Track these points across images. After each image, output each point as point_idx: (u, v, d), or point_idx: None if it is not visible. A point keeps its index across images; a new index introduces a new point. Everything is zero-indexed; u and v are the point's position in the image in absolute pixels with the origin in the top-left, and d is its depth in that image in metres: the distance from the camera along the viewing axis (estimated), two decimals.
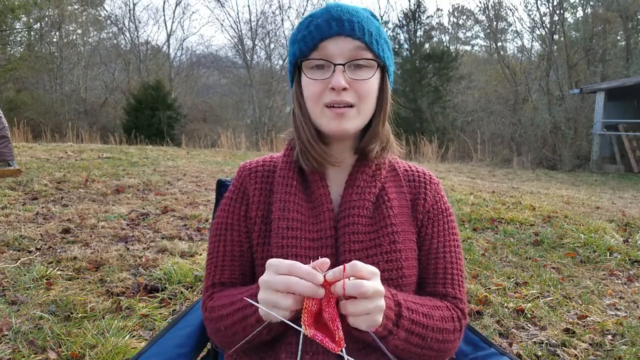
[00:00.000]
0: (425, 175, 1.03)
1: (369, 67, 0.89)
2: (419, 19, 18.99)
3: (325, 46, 0.87)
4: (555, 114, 15.67)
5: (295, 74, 0.94)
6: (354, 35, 0.86)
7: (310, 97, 0.90)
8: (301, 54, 0.89)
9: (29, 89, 21.57)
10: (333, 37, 0.86)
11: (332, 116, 0.88)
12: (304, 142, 0.93)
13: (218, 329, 0.90)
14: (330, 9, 0.88)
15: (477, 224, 4.54)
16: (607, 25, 18.94)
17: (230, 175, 2.62)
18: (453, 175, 9.18)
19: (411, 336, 0.83)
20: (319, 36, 0.87)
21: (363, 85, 0.88)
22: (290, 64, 0.95)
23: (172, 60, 26.38)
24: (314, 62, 0.88)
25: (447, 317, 0.90)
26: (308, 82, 0.89)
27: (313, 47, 0.88)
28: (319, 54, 0.88)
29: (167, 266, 2.86)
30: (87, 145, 11.20)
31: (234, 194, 0.99)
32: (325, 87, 0.87)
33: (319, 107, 0.89)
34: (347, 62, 0.87)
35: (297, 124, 0.94)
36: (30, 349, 1.92)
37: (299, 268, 0.72)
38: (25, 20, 21.12)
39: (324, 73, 0.88)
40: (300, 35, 0.90)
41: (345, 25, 0.86)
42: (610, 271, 3.37)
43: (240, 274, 0.96)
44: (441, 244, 0.97)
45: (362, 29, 0.87)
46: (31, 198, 4.69)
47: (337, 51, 0.87)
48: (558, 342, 2.26)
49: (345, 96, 0.87)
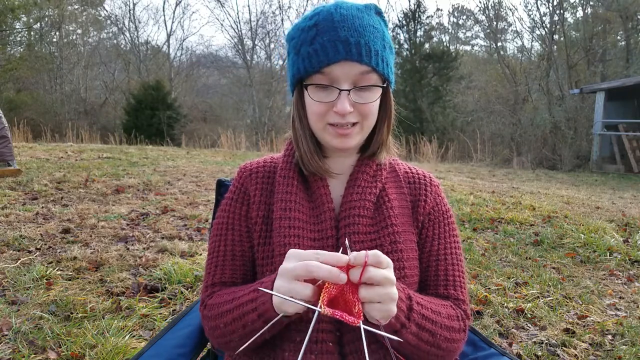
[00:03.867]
0: (426, 177, 1.03)
1: (373, 89, 0.88)
2: (419, 19, 19.01)
3: (331, 71, 0.84)
4: (555, 114, 15.67)
5: (297, 86, 0.93)
6: (361, 61, 0.84)
7: (313, 115, 0.90)
8: (305, 73, 0.87)
9: (29, 89, 21.58)
10: (339, 62, 0.84)
11: (335, 134, 0.89)
12: (303, 154, 0.94)
13: (216, 327, 0.89)
14: (335, 24, 0.84)
15: (477, 224, 4.54)
16: (607, 25, 18.94)
17: (230, 175, 2.62)
18: (453, 175, 9.18)
19: (422, 332, 0.83)
20: (325, 60, 0.84)
21: (366, 107, 0.88)
22: (291, 76, 0.93)
23: (172, 60, 26.42)
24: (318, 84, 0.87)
25: (453, 316, 0.90)
26: (311, 102, 0.88)
27: (318, 70, 0.85)
28: (324, 78, 0.86)
29: (167, 266, 2.86)
30: (87, 145, 11.20)
31: (234, 194, 1.00)
32: (329, 109, 0.87)
33: (322, 124, 0.89)
34: (352, 88, 0.86)
35: (297, 136, 0.94)
36: (30, 349, 1.92)
37: (322, 253, 0.71)
38: (25, 20, 21.13)
39: (328, 95, 0.87)
40: (305, 51, 0.86)
41: (353, 50, 0.83)
42: (610, 271, 3.37)
43: (241, 274, 0.96)
44: (442, 245, 0.97)
45: (369, 52, 0.84)
46: (31, 198, 4.69)
47: (343, 76, 0.85)
48: (558, 342, 2.26)
49: (349, 118, 0.87)
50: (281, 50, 25.58)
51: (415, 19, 18.94)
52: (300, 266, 0.71)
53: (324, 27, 0.85)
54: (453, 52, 19.82)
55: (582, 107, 15.57)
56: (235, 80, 26.15)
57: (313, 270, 0.69)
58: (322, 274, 0.69)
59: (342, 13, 0.85)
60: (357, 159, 0.98)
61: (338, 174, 0.96)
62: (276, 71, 25.08)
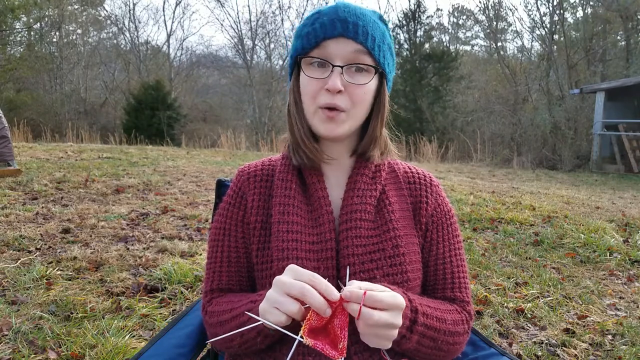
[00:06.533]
0: (426, 177, 1.02)
1: (367, 72, 0.88)
2: (419, 19, 19.00)
3: (327, 45, 0.86)
4: (555, 114, 15.66)
5: (295, 70, 0.94)
6: (356, 39, 0.86)
7: (306, 96, 0.90)
8: (302, 50, 0.89)
9: (29, 89, 21.56)
10: (335, 38, 0.86)
11: (324, 119, 0.88)
12: (297, 138, 0.93)
13: (216, 334, 0.91)
14: (337, 9, 0.88)
15: (477, 224, 4.54)
16: (607, 25, 18.93)
17: (230, 175, 2.62)
18: (453, 175, 9.18)
19: (423, 339, 0.84)
20: (322, 35, 0.86)
21: (358, 89, 0.87)
22: (290, 58, 0.94)
23: (172, 60, 26.40)
24: (313, 60, 0.88)
25: (458, 320, 0.91)
26: (306, 80, 0.89)
27: (315, 45, 0.87)
28: (319, 53, 0.87)
29: (167, 266, 2.86)
30: (87, 145, 11.20)
31: (232, 198, 0.99)
32: (321, 87, 0.87)
33: (313, 107, 0.89)
34: (345, 65, 0.86)
35: (292, 120, 0.94)
36: (30, 349, 1.92)
37: (319, 280, 0.73)
38: (25, 20, 21.12)
39: (322, 72, 0.87)
40: (305, 31, 0.89)
41: (350, 27, 0.86)
42: (610, 271, 3.37)
43: (237, 280, 0.97)
44: (447, 248, 0.97)
45: (366, 33, 0.87)
46: (31, 198, 4.69)
47: (337, 52, 0.86)
48: (558, 342, 2.26)
49: (338, 99, 0.87)
50: (281, 50, 25.61)
51: (415, 19, 18.93)
52: (297, 286, 0.72)
53: (326, 11, 0.89)
54: (453, 52, 19.81)
55: (582, 107, 15.56)
56: (235, 80, 26.14)
57: (306, 295, 0.71)
58: (312, 302, 0.71)
59: (346, 4, 0.89)
60: (355, 160, 0.97)
61: (330, 159, 0.95)
62: (276, 71, 25.07)
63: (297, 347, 0.85)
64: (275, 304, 0.74)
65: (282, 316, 0.73)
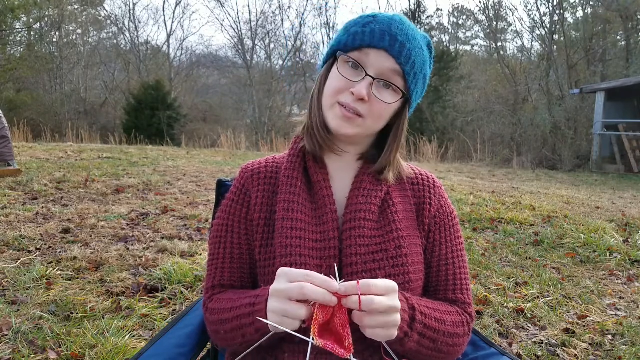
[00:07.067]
0: (429, 178, 1.03)
1: (394, 92, 0.89)
2: (419, 19, 19.01)
3: (368, 53, 0.87)
4: (555, 114, 15.66)
5: (329, 60, 0.94)
6: (398, 59, 0.87)
7: (330, 89, 0.90)
8: (344, 47, 0.90)
9: (29, 89, 21.56)
10: (379, 49, 0.87)
11: (339, 115, 0.89)
12: (313, 125, 0.94)
13: (217, 331, 0.91)
14: (392, 22, 0.88)
15: (477, 224, 4.54)
16: (607, 25, 18.94)
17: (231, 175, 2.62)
18: (453, 175, 9.18)
19: (423, 339, 0.84)
20: (368, 41, 0.87)
21: (380, 105, 0.88)
22: (330, 47, 0.95)
23: (172, 60, 26.40)
24: (350, 60, 0.89)
25: (458, 322, 0.91)
26: (336, 75, 0.90)
27: (357, 48, 0.88)
28: (358, 56, 0.88)
29: (167, 266, 2.86)
30: (87, 145, 11.20)
31: (235, 195, 0.99)
32: (348, 88, 0.88)
33: (333, 101, 0.90)
34: (377, 78, 0.87)
35: (312, 105, 0.95)
36: (30, 349, 1.92)
37: (313, 275, 0.73)
38: (25, 20, 21.12)
39: (354, 75, 0.88)
40: (354, 30, 0.89)
41: (396, 46, 0.86)
42: (610, 271, 3.37)
43: (239, 276, 0.97)
44: (449, 249, 0.98)
45: (408, 57, 0.87)
46: (31, 198, 4.69)
47: (375, 63, 0.87)
48: (558, 342, 2.26)
49: (359, 106, 0.87)
50: (281, 50, 25.61)
51: (415, 19, 18.94)
52: (294, 288, 0.73)
53: (381, 20, 0.89)
54: (453, 52, 19.83)
55: (582, 107, 15.57)
56: (235, 80, 26.13)
57: (307, 292, 0.71)
58: (314, 296, 0.71)
59: (402, 21, 0.89)
60: (362, 163, 0.98)
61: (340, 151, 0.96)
62: (276, 71, 25.08)
63: (297, 347, 0.85)
64: (284, 313, 0.74)
65: (296, 322, 0.74)
